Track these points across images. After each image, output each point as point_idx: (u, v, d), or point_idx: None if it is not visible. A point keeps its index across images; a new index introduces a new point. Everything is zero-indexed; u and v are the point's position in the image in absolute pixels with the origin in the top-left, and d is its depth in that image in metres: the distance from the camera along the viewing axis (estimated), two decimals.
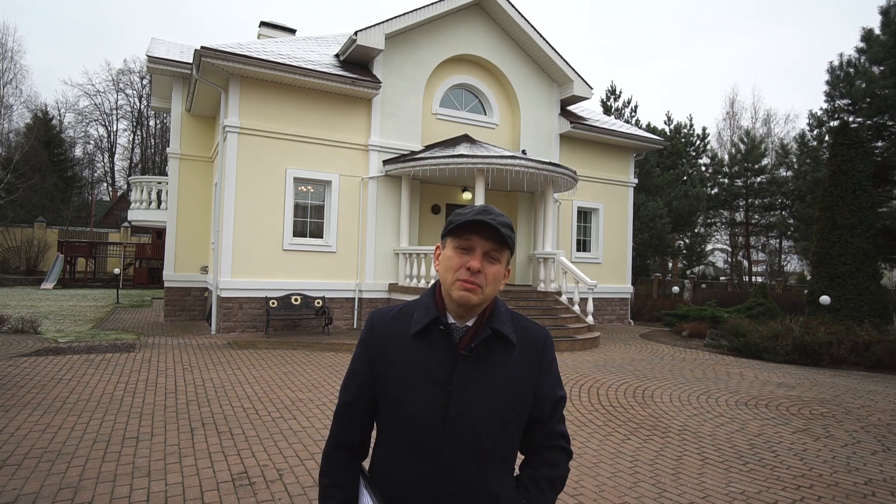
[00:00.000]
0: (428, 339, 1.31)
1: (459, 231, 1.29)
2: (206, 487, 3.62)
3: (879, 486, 3.99)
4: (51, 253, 26.32)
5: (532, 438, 1.38)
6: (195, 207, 13.54)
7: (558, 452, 1.40)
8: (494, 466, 1.29)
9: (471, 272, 1.26)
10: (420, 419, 1.26)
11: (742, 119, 41.17)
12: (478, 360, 1.30)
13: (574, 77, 14.26)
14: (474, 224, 1.27)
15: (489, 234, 1.28)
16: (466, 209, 1.32)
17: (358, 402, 1.37)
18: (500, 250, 1.30)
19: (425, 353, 1.30)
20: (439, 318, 1.31)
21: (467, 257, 1.28)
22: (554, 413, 1.39)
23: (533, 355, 1.37)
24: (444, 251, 1.34)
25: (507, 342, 1.33)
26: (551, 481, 1.37)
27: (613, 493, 3.76)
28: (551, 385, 1.39)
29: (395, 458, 1.30)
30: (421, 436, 1.27)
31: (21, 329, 9.77)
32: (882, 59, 14.93)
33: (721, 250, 36.74)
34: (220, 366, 7.60)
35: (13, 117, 33.96)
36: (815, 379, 8.14)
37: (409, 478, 1.27)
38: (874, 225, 12.09)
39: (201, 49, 10.15)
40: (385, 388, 1.32)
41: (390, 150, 12.24)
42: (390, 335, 1.35)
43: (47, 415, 5.05)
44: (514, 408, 1.32)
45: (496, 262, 1.30)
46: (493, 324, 1.32)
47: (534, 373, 1.36)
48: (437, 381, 1.28)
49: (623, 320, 15.84)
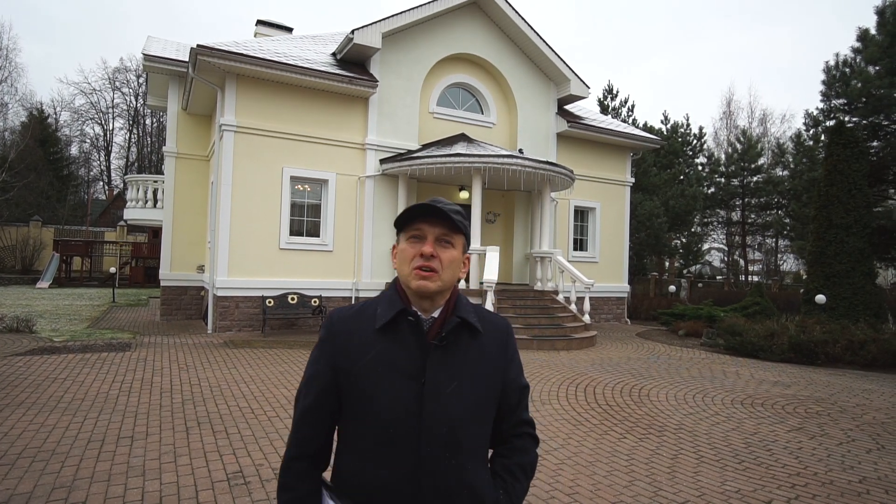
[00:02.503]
0: (395, 331, 1.28)
1: (408, 222, 1.30)
2: (202, 487, 3.61)
3: (874, 485, 4.00)
4: (46, 252, 26.20)
5: (502, 428, 1.40)
6: (191, 206, 13.50)
7: (527, 440, 1.43)
8: (471, 458, 1.28)
9: (424, 258, 1.26)
10: (393, 415, 1.23)
11: (738, 118, 41.23)
12: (448, 351, 1.28)
13: (571, 76, 14.26)
14: (421, 211, 1.28)
15: (437, 220, 1.28)
16: (414, 205, 1.32)
17: (320, 406, 1.31)
18: (451, 234, 1.30)
19: (393, 346, 1.27)
20: (407, 310, 1.29)
21: (420, 245, 1.28)
22: (521, 401, 1.42)
23: (499, 345, 1.37)
24: (399, 247, 1.34)
25: (473, 331, 1.33)
26: (524, 468, 1.40)
27: (609, 491, 3.76)
28: (517, 374, 1.42)
29: (366, 459, 1.25)
30: (395, 433, 1.23)
31: (16, 328, 9.73)
32: (878, 58, 14.97)
33: (717, 249, 36.81)
34: (217, 365, 7.59)
35: (8, 116, 33.89)
36: (810, 378, 8.17)
37: (384, 478, 1.23)
38: (870, 224, 12.12)
39: (197, 47, 10.12)
40: (351, 387, 1.27)
41: (387, 149, 12.23)
42: (353, 332, 1.31)
43: (42, 414, 5.03)
44: (487, 397, 1.32)
45: (450, 247, 1.30)
46: (458, 313, 1.32)
47: (501, 362, 1.37)
48: (408, 374, 1.25)
49: (620, 319, 15.86)
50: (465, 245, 1.35)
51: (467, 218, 1.48)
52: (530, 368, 8.01)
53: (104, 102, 41.95)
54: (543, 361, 8.65)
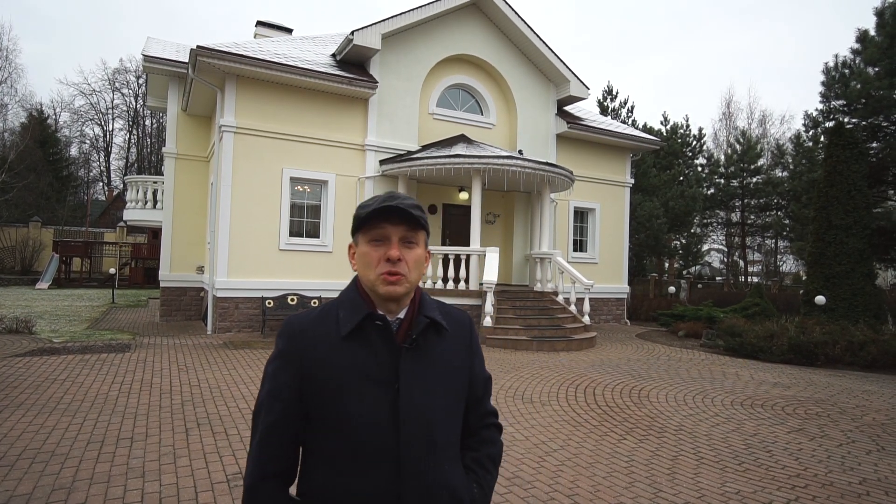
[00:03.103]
0: (362, 337, 1.23)
1: (369, 223, 1.24)
2: (201, 488, 3.61)
3: (874, 486, 4.00)
4: (46, 253, 26.18)
5: (470, 420, 1.40)
6: (191, 207, 13.50)
7: (493, 430, 1.45)
8: (447, 456, 1.27)
9: (391, 262, 1.22)
10: (369, 425, 1.18)
11: (738, 119, 41.33)
12: (419, 352, 1.25)
13: (571, 77, 14.27)
14: (382, 212, 1.23)
15: (400, 219, 1.23)
16: (369, 200, 1.27)
17: (286, 421, 1.23)
18: (414, 233, 1.26)
19: (362, 352, 1.22)
20: (373, 314, 1.24)
21: (384, 248, 1.23)
22: (486, 393, 1.44)
23: (463, 339, 1.37)
24: (358, 248, 1.28)
25: (440, 329, 1.31)
26: (493, 459, 1.41)
27: (609, 493, 3.76)
28: (481, 366, 1.43)
29: (342, 473, 1.19)
30: (372, 442, 1.19)
31: (16, 329, 9.72)
32: (877, 60, 14.98)
33: (717, 250, 36.84)
34: (216, 366, 7.58)
35: (8, 116, 33.88)
36: (810, 379, 8.17)
37: (366, 489, 1.18)
38: (869, 225, 12.13)
39: (197, 48, 10.12)
40: (319, 399, 1.21)
41: (387, 150, 12.23)
42: (316, 341, 1.24)
43: (41, 415, 5.02)
44: (458, 394, 1.33)
45: (415, 246, 1.26)
46: (425, 312, 1.29)
47: (467, 356, 1.37)
48: (381, 380, 1.21)
49: (619, 320, 15.86)
50: (426, 240, 1.31)
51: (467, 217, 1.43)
52: (530, 369, 8.01)
53: (104, 103, 42.02)
54: (543, 362, 8.65)
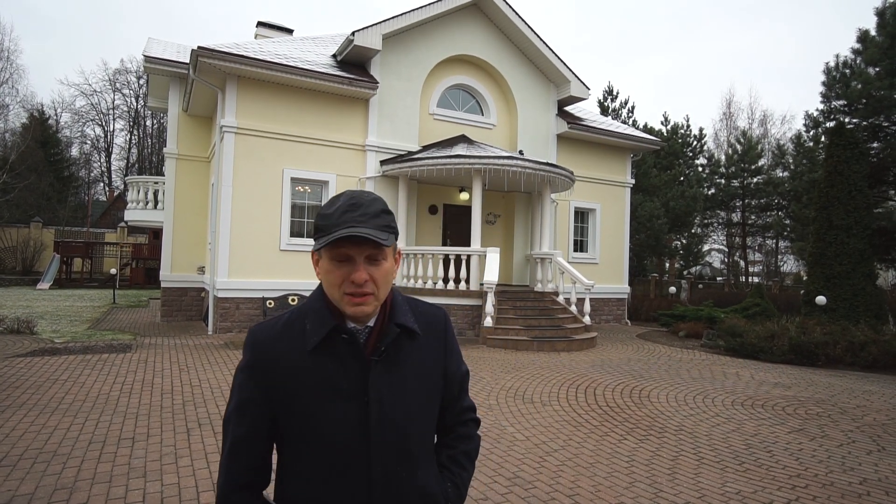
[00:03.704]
0: (330, 351, 1.18)
1: (332, 245, 1.14)
2: (203, 488, 3.61)
3: (874, 486, 4.01)
4: (47, 253, 26.20)
5: (446, 419, 1.38)
6: (192, 207, 13.51)
7: (470, 426, 1.43)
8: (421, 462, 1.26)
9: (356, 285, 1.14)
10: (338, 438, 1.16)
11: (739, 120, 41.34)
12: (389, 363, 1.21)
13: (571, 78, 14.28)
14: (345, 238, 1.13)
15: (365, 241, 1.14)
16: (330, 208, 1.18)
17: (255, 434, 1.21)
18: (380, 250, 1.16)
19: (329, 366, 1.18)
20: (340, 327, 1.19)
21: (347, 267, 1.15)
22: (462, 389, 1.41)
23: (437, 339, 1.33)
24: (321, 263, 1.19)
25: (412, 335, 1.26)
26: (469, 455, 1.40)
27: (610, 493, 3.77)
28: (457, 364, 1.39)
29: (313, 483, 1.18)
30: (342, 456, 1.17)
31: (17, 329, 9.73)
32: (878, 60, 14.98)
33: (718, 251, 36.83)
34: (217, 366, 7.59)
35: (9, 117, 33.88)
36: (810, 379, 8.17)
37: (336, 498, 1.17)
38: (870, 225, 12.13)
39: (198, 49, 10.13)
40: (288, 413, 1.18)
41: (387, 151, 12.24)
42: (281, 354, 1.19)
43: (43, 415, 5.04)
44: (431, 398, 1.30)
45: (382, 261, 1.18)
46: (396, 319, 1.23)
47: (441, 356, 1.34)
48: (350, 394, 1.18)
49: (620, 320, 15.86)
50: (395, 244, 1.22)
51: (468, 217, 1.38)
52: (530, 370, 8.01)
53: (105, 104, 42.01)
54: (544, 363, 8.65)
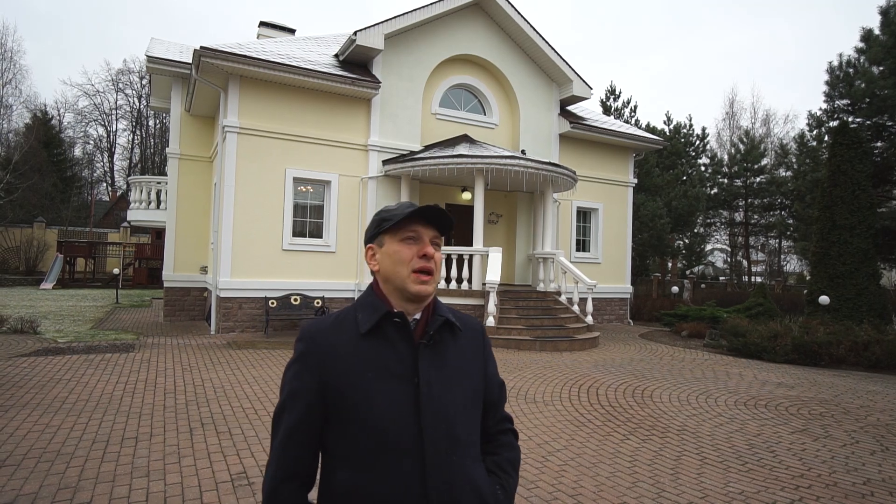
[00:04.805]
0: (382, 334, 1.26)
1: (403, 223, 1.30)
2: (206, 488, 3.62)
3: (878, 487, 3.99)
4: (50, 253, 26.29)
5: (487, 424, 1.42)
6: (194, 207, 13.53)
7: (510, 435, 1.47)
8: (469, 454, 1.29)
9: (426, 258, 1.28)
10: (391, 419, 1.20)
11: (741, 119, 41.22)
12: (436, 349, 1.29)
13: (573, 77, 14.26)
14: (418, 214, 1.29)
15: (431, 222, 1.31)
16: (393, 207, 1.34)
17: (308, 423, 1.25)
18: (440, 237, 1.34)
19: (381, 350, 1.25)
20: (392, 312, 1.28)
21: (417, 246, 1.29)
22: (500, 398, 1.46)
23: (476, 343, 1.41)
24: (385, 248, 1.32)
25: (454, 330, 1.35)
26: (513, 463, 1.43)
27: (612, 492, 3.76)
28: (494, 371, 1.46)
29: (365, 472, 1.20)
30: (396, 437, 1.20)
31: (20, 329, 9.76)
32: (882, 59, 14.94)
33: (720, 250, 36.75)
34: (220, 366, 7.60)
35: (13, 117, 34.00)
36: (814, 379, 8.14)
37: (389, 485, 1.19)
38: (873, 225, 12.09)
39: (200, 49, 10.15)
40: (341, 399, 1.23)
41: (390, 150, 12.24)
42: (335, 343, 1.26)
43: (46, 415, 5.05)
44: (475, 393, 1.35)
45: (439, 249, 1.34)
46: (439, 313, 1.34)
47: (481, 359, 1.41)
48: (401, 375, 1.23)
49: (622, 320, 15.84)
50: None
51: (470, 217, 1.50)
52: (533, 369, 8.01)
53: (107, 104, 42.14)
54: (546, 362, 8.65)
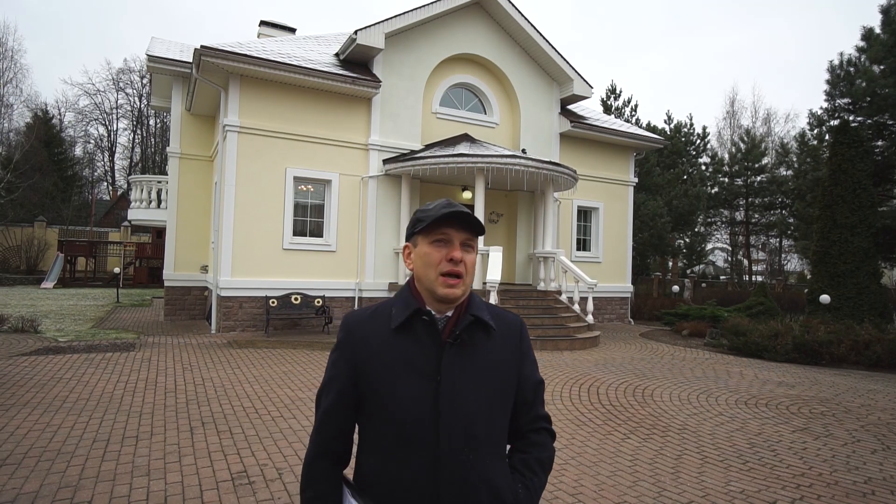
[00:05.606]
0: (411, 330, 1.31)
1: (434, 226, 1.31)
2: (206, 486, 3.62)
3: (879, 485, 3.99)
4: (51, 252, 26.31)
5: (519, 423, 1.42)
6: (195, 207, 13.54)
7: (544, 434, 1.45)
8: (488, 453, 1.30)
9: (454, 262, 1.29)
10: (411, 413, 1.26)
11: (742, 118, 41.14)
12: (463, 348, 1.31)
13: (574, 76, 14.24)
14: (448, 217, 1.30)
15: (462, 225, 1.31)
16: (429, 206, 1.35)
17: (341, 407, 1.34)
18: (473, 239, 1.34)
19: (409, 345, 1.30)
20: (421, 309, 1.32)
21: (446, 249, 1.31)
22: (536, 397, 1.45)
23: (512, 341, 1.41)
24: (418, 249, 1.35)
25: (487, 329, 1.36)
26: (542, 463, 1.42)
27: (613, 491, 3.76)
28: (531, 369, 1.46)
29: (387, 458, 1.28)
30: (414, 430, 1.25)
31: (21, 328, 9.77)
32: (882, 58, 14.92)
33: (721, 249, 36.74)
34: (220, 365, 7.61)
35: (13, 116, 34.02)
36: (815, 378, 8.14)
37: (405, 475, 1.25)
38: (874, 224, 12.08)
39: (201, 48, 10.14)
40: (370, 386, 1.30)
41: (390, 150, 12.24)
42: (369, 334, 1.33)
43: (47, 414, 5.05)
44: (502, 392, 1.35)
45: (472, 251, 1.34)
46: (472, 311, 1.35)
47: (515, 358, 1.40)
48: (425, 371, 1.28)
49: (623, 319, 15.84)
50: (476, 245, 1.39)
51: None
52: None
53: (108, 103, 42.24)
54: (547, 361, 8.64)
